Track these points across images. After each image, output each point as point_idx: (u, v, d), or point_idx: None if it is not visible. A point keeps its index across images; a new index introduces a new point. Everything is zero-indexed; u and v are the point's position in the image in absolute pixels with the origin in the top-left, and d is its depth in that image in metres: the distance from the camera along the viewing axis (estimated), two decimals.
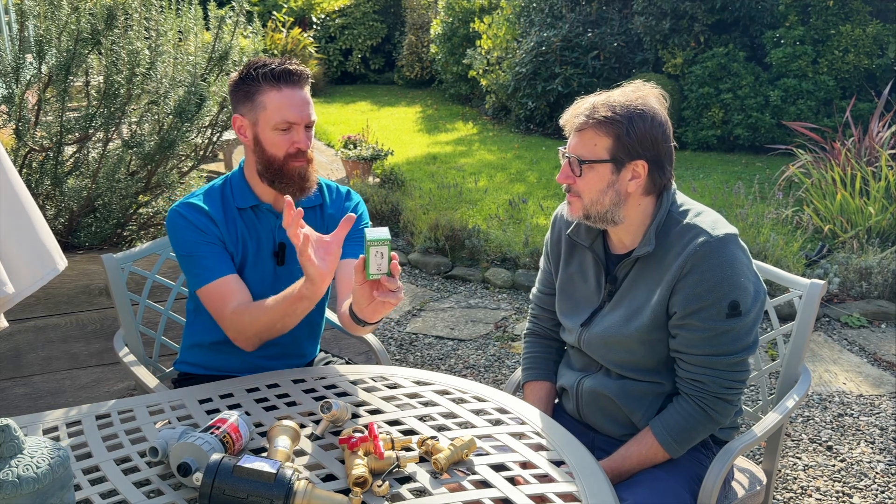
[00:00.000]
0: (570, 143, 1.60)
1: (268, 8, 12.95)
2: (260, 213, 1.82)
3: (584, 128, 1.56)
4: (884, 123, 5.64)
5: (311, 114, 1.74)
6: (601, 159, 1.54)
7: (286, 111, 1.70)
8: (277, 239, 1.82)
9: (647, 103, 1.55)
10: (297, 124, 1.71)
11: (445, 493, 1.27)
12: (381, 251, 1.41)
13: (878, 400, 3.14)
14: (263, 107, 1.71)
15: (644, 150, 1.54)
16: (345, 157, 6.66)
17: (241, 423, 1.37)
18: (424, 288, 4.53)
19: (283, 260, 1.83)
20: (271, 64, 1.71)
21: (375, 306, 1.49)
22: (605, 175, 1.55)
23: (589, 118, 1.55)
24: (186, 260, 1.75)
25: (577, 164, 1.56)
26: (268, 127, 1.71)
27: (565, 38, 8.52)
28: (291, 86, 1.71)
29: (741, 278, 1.51)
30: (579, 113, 1.57)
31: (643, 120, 1.53)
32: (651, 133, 1.54)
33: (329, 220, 1.89)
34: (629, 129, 1.52)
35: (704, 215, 1.58)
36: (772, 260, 4.17)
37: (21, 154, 3.39)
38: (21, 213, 1.73)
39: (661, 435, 1.57)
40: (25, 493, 1.07)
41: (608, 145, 1.54)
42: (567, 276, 1.75)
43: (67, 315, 2.93)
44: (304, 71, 1.74)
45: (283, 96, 1.70)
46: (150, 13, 3.54)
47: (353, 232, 1.88)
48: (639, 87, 1.59)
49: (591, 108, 1.55)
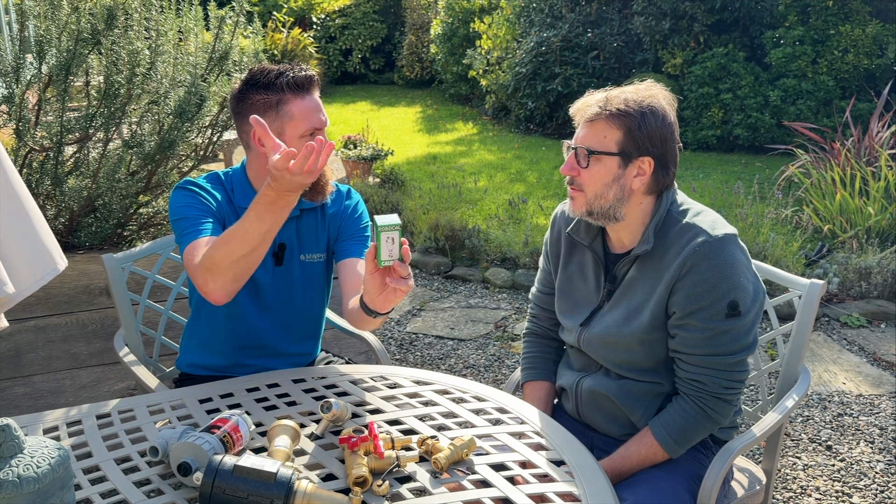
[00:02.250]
0: (579, 134, 1.59)
1: (268, 8, 12.95)
2: None
3: (596, 119, 1.56)
4: (883, 123, 5.64)
5: (326, 118, 1.75)
6: (610, 151, 1.55)
7: (313, 118, 1.68)
8: (277, 239, 1.81)
9: (658, 102, 1.56)
10: (320, 129, 1.70)
11: (445, 492, 1.27)
12: (392, 237, 1.41)
13: (877, 400, 3.15)
14: (291, 116, 1.66)
15: (653, 146, 1.54)
16: (345, 157, 6.66)
17: (241, 423, 1.37)
18: (424, 288, 4.53)
19: (282, 260, 1.82)
20: (289, 71, 1.68)
21: (387, 294, 1.48)
22: (612, 168, 1.55)
23: (603, 109, 1.55)
24: (178, 223, 1.70)
25: (586, 155, 1.56)
26: (296, 136, 1.67)
27: (565, 38, 8.52)
28: (311, 92, 1.71)
29: (740, 278, 1.52)
30: (591, 104, 1.57)
31: (654, 117, 1.54)
32: (661, 130, 1.54)
33: (330, 220, 1.88)
34: (641, 124, 1.52)
35: (704, 215, 1.58)
36: (771, 260, 4.17)
37: (21, 154, 3.40)
38: (21, 213, 1.73)
39: (660, 435, 1.58)
40: (25, 493, 1.07)
41: (618, 138, 1.54)
42: (566, 276, 1.75)
43: (67, 315, 2.93)
44: (315, 74, 1.74)
45: (307, 103, 1.68)
46: (150, 13, 3.54)
47: (354, 231, 1.88)
48: (651, 85, 1.60)
49: (605, 101, 1.56)
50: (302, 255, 1.85)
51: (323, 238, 1.87)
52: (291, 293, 1.85)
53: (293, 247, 1.83)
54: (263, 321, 1.84)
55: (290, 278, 1.84)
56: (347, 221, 1.88)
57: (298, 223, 1.84)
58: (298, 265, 1.84)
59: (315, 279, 1.88)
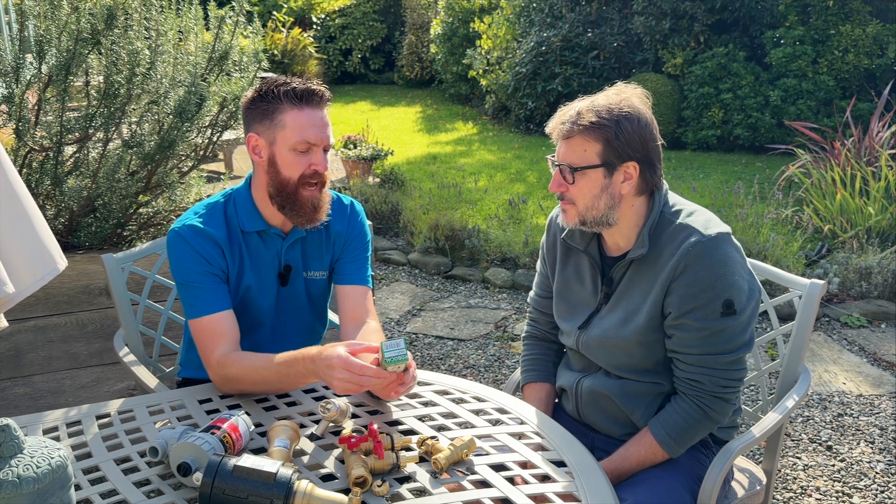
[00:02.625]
0: (559, 151, 1.59)
1: (268, 8, 12.95)
2: (267, 237, 1.76)
3: (571, 135, 1.55)
4: (884, 123, 5.64)
5: (330, 136, 1.67)
6: (592, 165, 1.54)
7: (307, 131, 1.62)
8: (283, 261, 1.78)
9: (631, 104, 1.54)
10: (316, 146, 1.65)
11: (445, 492, 1.27)
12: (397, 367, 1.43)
13: (877, 400, 3.14)
14: (283, 126, 1.62)
15: (634, 151, 1.53)
16: (345, 157, 6.66)
17: (241, 423, 1.37)
18: (424, 288, 4.53)
19: (287, 281, 1.80)
20: (293, 83, 1.64)
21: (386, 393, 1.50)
22: (598, 180, 1.55)
23: (575, 125, 1.54)
24: (183, 287, 1.68)
25: (569, 171, 1.55)
26: (286, 147, 1.63)
27: (565, 38, 8.52)
28: (313, 106, 1.64)
29: (735, 277, 1.52)
30: (565, 121, 1.56)
31: (630, 122, 1.52)
32: (639, 133, 1.53)
33: (335, 238, 1.84)
34: (617, 132, 1.51)
35: (697, 215, 1.58)
36: (771, 260, 4.17)
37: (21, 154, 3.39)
38: (21, 213, 1.73)
39: (659, 435, 1.58)
40: (25, 493, 1.07)
41: (598, 150, 1.53)
42: (563, 280, 1.75)
43: (67, 315, 2.93)
44: (326, 93, 1.67)
45: (305, 116, 1.62)
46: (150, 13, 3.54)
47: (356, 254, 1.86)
48: (621, 89, 1.58)
49: (577, 115, 1.54)
50: (306, 272, 1.83)
51: (327, 256, 1.85)
52: (295, 310, 1.85)
53: (298, 267, 1.81)
54: (265, 336, 1.84)
55: (294, 296, 1.83)
56: (353, 241, 1.86)
57: (304, 243, 1.81)
58: (303, 283, 1.83)
59: (318, 294, 1.88)
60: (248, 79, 3.79)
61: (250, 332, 1.80)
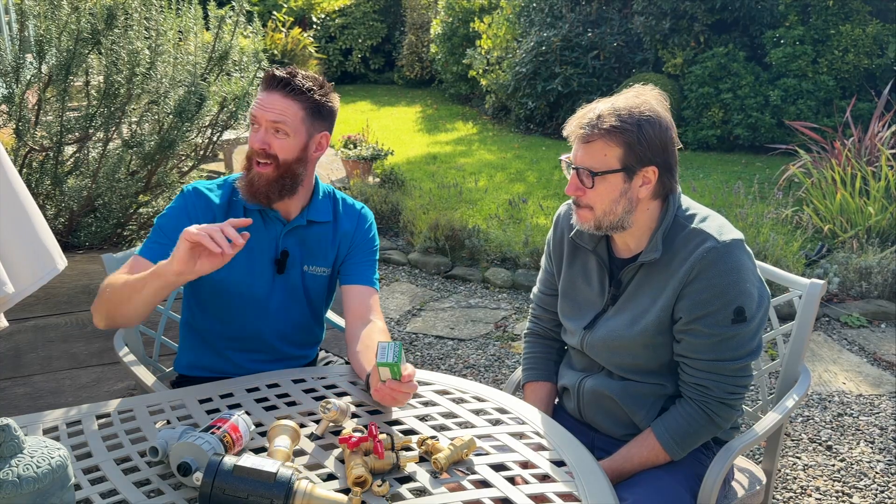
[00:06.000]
0: (577, 154, 1.55)
1: (268, 8, 12.95)
2: (268, 219, 1.78)
3: (591, 139, 1.51)
4: (884, 123, 5.64)
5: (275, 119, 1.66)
6: (613, 169, 1.51)
7: (254, 107, 1.70)
8: (280, 247, 1.79)
9: (652, 108, 1.52)
10: (258, 123, 1.69)
11: (445, 492, 1.27)
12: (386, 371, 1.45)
13: (877, 400, 3.14)
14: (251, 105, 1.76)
15: (655, 155, 1.51)
16: (345, 157, 6.66)
17: (241, 423, 1.37)
18: (424, 288, 4.53)
19: (284, 268, 1.80)
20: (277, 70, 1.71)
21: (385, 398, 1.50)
22: (618, 185, 1.52)
23: (595, 128, 1.50)
24: (154, 229, 1.75)
25: (589, 175, 1.52)
26: None
27: (565, 37, 8.51)
28: (271, 89, 1.68)
29: (747, 284, 1.51)
30: (584, 123, 1.52)
31: (651, 126, 1.50)
32: (661, 138, 1.51)
33: (342, 238, 1.85)
34: (639, 137, 1.49)
35: (710, 220, 1.57)
36: (771, 260, 4.17)
37: (21, 154, 3.39)
38: (21, 212, 1.73)
39: (663, 437, 1.57)
40: (25, 493, 1.07)
41: (619, 155, 1.50)
42: (569, 278, 1.74)
43: (67, 315, 2.93)
44: (295, 80, 1.68)
45: (261, 95, 1.69)
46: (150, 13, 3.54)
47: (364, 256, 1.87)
48: (640, 91, 1.55)
49: (597, 118, 1.51)
50: (305, 265, 1.83)
51: (332, 254, 1.85)
52: (292, 303, 1.84)
53: (295, 256, 1.81)
54: (263, 328, 1.83)
55: (291, 288, 1.83)
56: (360, 243, 1.86)
57: (304, 233, 1.81)
58: (300, 275, 1.83)
59: (317, 291, 1.87)
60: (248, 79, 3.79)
61: (248, 325, 1.81)
